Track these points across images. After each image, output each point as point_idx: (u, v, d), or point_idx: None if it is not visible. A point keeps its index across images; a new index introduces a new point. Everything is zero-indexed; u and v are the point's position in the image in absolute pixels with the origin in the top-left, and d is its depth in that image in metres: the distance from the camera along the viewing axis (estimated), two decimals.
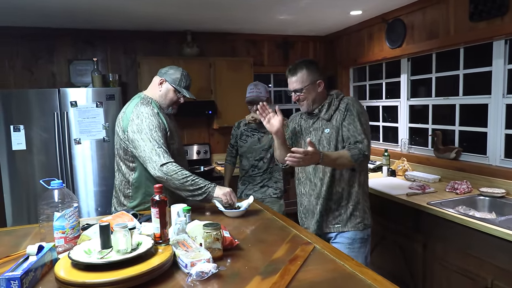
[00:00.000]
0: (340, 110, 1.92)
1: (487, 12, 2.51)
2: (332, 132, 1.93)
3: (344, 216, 1.97)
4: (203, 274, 1.21)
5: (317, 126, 1.98)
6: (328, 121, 1.95)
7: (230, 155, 3.03)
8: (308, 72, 1.93)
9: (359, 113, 1.90)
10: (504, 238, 1.84)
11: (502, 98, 2.59)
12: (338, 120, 1.92)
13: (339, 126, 1.91)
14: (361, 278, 1.21)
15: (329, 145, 1.94)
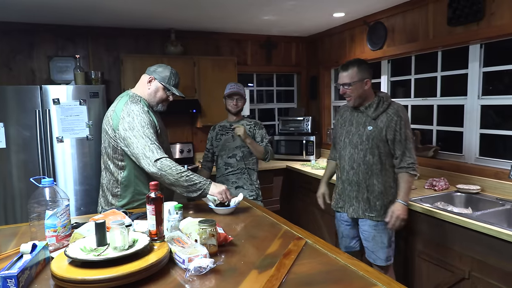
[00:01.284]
0: (388, 113, 2.15)
1: (464, 18, 2.63)
2: (374, 131, 2.16)
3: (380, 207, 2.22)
4: (201, 269, 1.24)
5: (361, 120, 2.22)
6: (373, 119, 2.17)
7: (206, 159, 2.99)
8: (358, 70, 2.16)
9: (407, 122, 2.17)
10: (480, 231, 1.95)
11: (477, 99, 2.73)
12: (383, 121, 2.15)
13: (383, 127, 2.14)
14: (353, 270, 1.27)
15: (368, 141, 2.18)
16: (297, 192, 3.86)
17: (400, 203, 2.13)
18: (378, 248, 2.23)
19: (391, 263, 2.27)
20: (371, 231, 2.23)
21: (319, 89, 4.52)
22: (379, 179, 2.19)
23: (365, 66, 2.21)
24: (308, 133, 4.22)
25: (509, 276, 1.84)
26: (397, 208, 2.13)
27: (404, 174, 2.16)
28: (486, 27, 2.51)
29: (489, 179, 2.57)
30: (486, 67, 2.68)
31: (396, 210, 2.13)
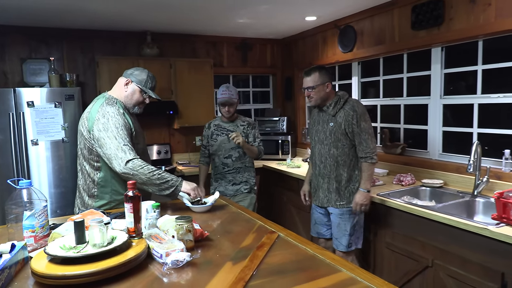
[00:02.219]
0: (345, 109, 2.39)
1: (426, 22, 2.80)
2: (335, 126, 2.41)
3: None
4: (178, 262, 1.31)
5: (325, 119, 2.48)
6: (333, 116, 2.42)
7: (203, 155, 3.12)
8: (320, 75, 2.42)
9: (363, 114, 2.38)
10: (442, 222, 2.09)
11: (440, 99, 2.90)
12: (342, 117, 2.39)
13: (341, 122, 2.38)
14: (321, 258, 1.37)
15: (330, 136, 2.44)
16: (273, 191, 3.96)
17: (361, 190, 2.38)
18: (341, 235, 2.45)
19: (352, 250, 2.47)
20: (336, 219, 2.47)
21: (294, 90, 4.64)
22: (345, 169, 2.43)
23: (325, 71, 2.47)
24: (283, 133, 4.33)
25: (468, 263, 1.99)
26: (358, 196, 2.40)
27: (363, 163, 2.39)
28: (446, 31, 2.68)
29: (451, 173, 2.74)
30: (447, 68, 2.85)
31: (357, 197, 2.39)
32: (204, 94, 4.09)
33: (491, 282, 1.88)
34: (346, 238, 2.44)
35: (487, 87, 2.63)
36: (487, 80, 2.63)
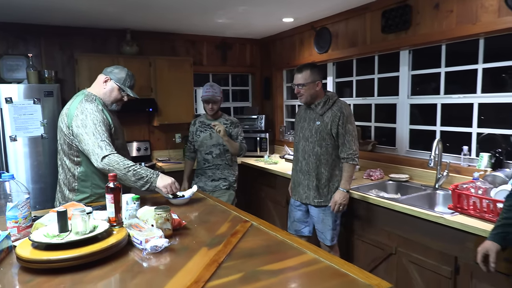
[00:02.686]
0: (333, 110, 2.45)
1: (395, 26, 2.97)
2: (321, 125, 2.46)
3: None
4: (157, 248, 1.41)
5: (312, 117, 2.53)
6: (321, 115, 2.47)
7: (189, 151, 3.24)
8: (311, 73, 2.46)
9: (349, 117, 2.45)
10: (405, 213, 2.26)
11: (407, 98, 3.09)
12: (329, 117, 2.44)
13: (328, 122, 2.44)
14: (290, 243, 1.49)
15: (316, 135, 2.48)
16: (251, 186, 4.08)
17: (340, 190, 2.45)
18: (325, 230, 2.54)
19: (336, 243, 2.58)
20: (319, 215, 2.54)
21: (272, 89, 4.76)
22: (326, 167, 2.49)
23: (316, 69, 2.52)
24: (262, 130, 4.46)
25: (427, 249, 2.16)
26: (337, 195, 2.45)
27: (345, 164, 2.47)
28: (413, 35, 2.86)
29: (416, 168, 2.93)
30: (414, 70, 3.04)
31: (336, 196, 2.45)
32: (184, 92, 4.16)
33: (446, 266, 2.06)
34: (330, 232, 2.52)
35: (449, 88, 2.82)
36: (450, 81, 2.82)
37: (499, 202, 1.92)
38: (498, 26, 2.30)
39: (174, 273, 1.24)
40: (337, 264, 1.28)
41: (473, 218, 2.00)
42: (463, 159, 2.64)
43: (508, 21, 2.25)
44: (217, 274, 1.23)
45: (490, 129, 2.58)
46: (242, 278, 1.20)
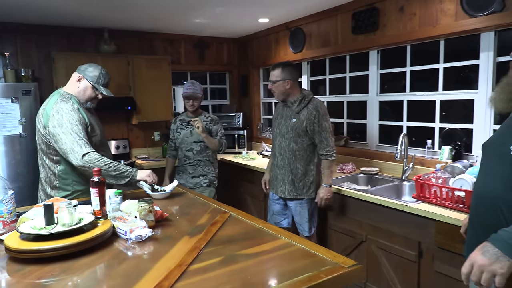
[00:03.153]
0: (309, 108, 2.53)
1: (364, 28, 3.14)
2: (297, 122, 2.55)
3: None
4: (141, 237, 1.50)
5: (288, 114, 2.62)
6: (297, 113, 2.56)
7: (170, 148, 3.30)
8: (282, 71, 2.56)
9: (324, 115, 2.55)
10: (374, 202, 2.42)
11: (376, 96, 3.27)
12: (304, 115, 2.53)
13: (304, 120, 2.53)
14: (266, 230, 1.61)
15: (292, 131, 2.57)
16: (230, 182, 4.18)
17: (324, 186, 2.59)
18: (303, 222, 2.67)
19: (314, 234, 2.71)
20: (297, 208, 2.66)
21: (249, 87, 4.88)
22: (301, 163, 2.60)
23: (288, 68, 2.59)
24: (240, 127, 4.57)
25: (394, 236, 2.33)
26: (321, 191, 2.59)
27: (324, 160, 2.59)
28: (381, 36, 3.04)
29: (385, 161, 3.11)
30: (382, 69, 3.22)
31: (321, 193, 2.58)
32: (163, 90, 4.22)
33: (410, 250, 2.23)
34: (307, 223, 2.65)
35: (416, 86, 3.01)
36: (416, 79, 3.01)
37: (456, 190, 2.10)
38: (455, 29, 2.50)
39: (159, 258, 1.34)
40: (308, 246, 1.41)
41: (434, 206, 2.18)
42: (427, 152, 2.84)
43: (464, 24, 2.44)
44: (199, 258, 1.33)
45: (451, 124, 2.79)
46: (221, 261, 1.31)
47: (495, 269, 1.01)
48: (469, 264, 1.08)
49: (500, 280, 1.01)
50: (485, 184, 1.28)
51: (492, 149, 1.33)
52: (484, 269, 1.03)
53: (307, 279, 1.15)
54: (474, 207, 1.35)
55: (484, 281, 1.03)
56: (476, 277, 1.05)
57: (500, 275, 1.01)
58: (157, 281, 1.16)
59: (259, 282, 1.15)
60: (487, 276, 1.02)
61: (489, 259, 1.03)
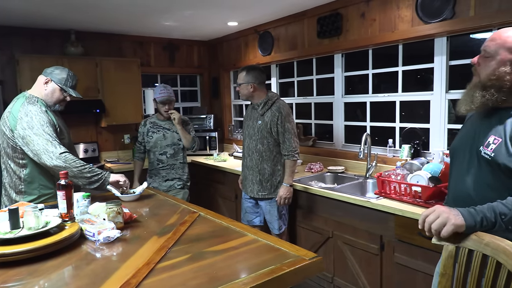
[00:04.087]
0: (272, 110, 2.64)
1: (328, 32, 3.26)
2: (262, 124, 2.66)
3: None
4: (109, 238, 1.52)
5: (255, 116, 2.73)
6: (262, 115, 2.67)
7: (138, 151, 3.26)
8: (246, 75, 2.68)
9: (287, 116, 2.65)
10: (339, 199, 2.53)
11: (341, 97, 3.40)
12: (269, 117, 2.64)
13: (268, 121, 2.63)
14: (233, 228, 1.67)
15: (258, 133, 2.68)
16: (201, 183, 4.21)
17: (284, 185, 2.67)
18: (273, 220, 2.76)
19: (284, 231, 2.80)
20: (267, 206, 2.75)
21: (220, 89, 4.92)
22: (268, 163, 2.69)
23: (253, 72, 2.68)
24: (211, 129, 4.60)
25: (358, 231, 2.45)
26: (281, 190, 2.66)
27: (286, 160, 2.68)
28: (344, 40, 3.17)
29: (350, 160, 3.24)
30: (347, 72, 3.36)
31: (280, 191, 2.66)
32: (132, 93, 4.19)
33: (373, 244, 2.35)
34: (277, 222, 2.74)
35: (381, 87, 3.16)
36: (379, 81, 3.16)
37: (413, 185, 2.24)
38: (412, 34, 2.65)
39: (127, 258, 1.37)
40: (272, 241, 1.48)
41: (394, 201, 2.30)
42: (389, 150, 2.98)
43: (419, 30, 2.60)
44: (167, 257, 1.37)
45: (410, 123, 2.95)
46: (189, 258, 1.36)
47: (450, 217, 1.15)
48: (432, 209, 1.20)
49: (447, 229, 1.14)
50: (459, 184, 1.40)
51: (461, 151, 1.43)
52: (441, 214, 1.16)
53: (270, 272, 1.22)
54: (450, 205, 1.45)
55: (436, 223, 1.16)
56: (431, 219, 1.18)
57: (451, 225, 1.14)
58: (125, 279, 1.19)
59: (225, 276, 1.21)
60: (440, 221, 1.15)
61: (450, 211, 1.17)
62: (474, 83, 1.37)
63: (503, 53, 1.27)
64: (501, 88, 1.27)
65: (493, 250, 1.04)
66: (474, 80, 1.38)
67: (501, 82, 1.27)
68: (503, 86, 1.27)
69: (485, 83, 1.30)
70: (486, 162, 1.31)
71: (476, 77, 1.37)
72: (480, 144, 1.34)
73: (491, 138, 1.31)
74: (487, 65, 1.31)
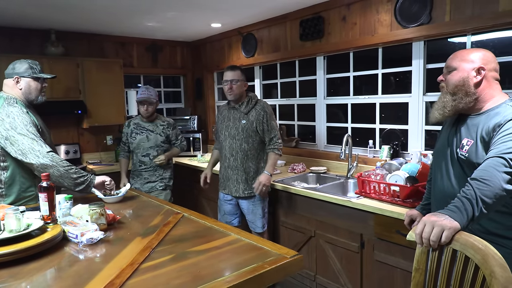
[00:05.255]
0: (256, 109, 2.70)
1: (311, 35, 3.32)
2: (247, 124, 2.69)
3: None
4: (92, 240, 1.52)
5: (236, 116, 2.74)
6: (245, 114, 2.69)
7: (123, 151, 3.29)
8: (241, 73, 2.73)
9: (271, 114, 2.75)
10: (321, 199, 2.58)
11: (323, 99, 3.46)
12: (253, 116, 2.68)
13: (253, 120, 2.68)
14: (216, 228, 1.70)
15: (242, 132, 2.70)
16: (186, 185, 4.21)
17: (265, 173, 2.71)
18: (256, 219, 2.79)
19: (266, 229, 2.85)
20: (250, 206, 2.78)
21: (204, 90, 4.93)
22: (253, 162, 2.74)
23: (244, 72, 2.79)
24: (194, 130, 4.61)
25: (339, 229, 2.51)
26: (262, 176, 2.69)
27: (271, 153, 2.75)
28: (326, 43, 3.23)
29: (332, 161, 3.31)
30: (329, 74, 3.42)
31: (261, 177, 2.69)
32: (114, 93, 4.15)
33: (353, 242, 2.42)
34: (261, 220, 2.78)
35: (358, 90, 3.24)
36: (361, 83, 3.24)
37: (392, 185, 2.31)
38: (390, 38, 2.74)
39: (111, 259, 1.38)
40: (255, 241, 1.51)
41: (374, 200, 2.37)
42: (369, 151, 3.06)
43: (398, 34, 2.69)
44: (150, 257, 1.39)
45: (390, 125, 3.04)
46: (172, 259, 1.38)
47: (445, 223, 1.18)
48: (421, 223, 1.23)
49: (447, 234, 1.17)
50: (443, 183, 1.56)
51: (442, 154, 1.59)
52: (435, 224, 1.19)
53: (252, 270, 1.25)
54: (435, 202, 1.62)
55: (433, 235, 1.18)
56: (427, 232, 1.19)
57: (448, 229, 1.17)
58: (109, 279, 1.20)
59: (208, 275, 1.23)
60: (437, 230, 1.18)
61: (439, 217, 1.20)
62: (443, 94, 1.56)
63: (464, 65, 1.50)
64: (467, 92, 1.48)
65: (462, 245, 1.10)
66: (443, 92, 1.56)
67: (467, 88, 1.48)
68: (468, 91, 1.48)
69: (453, 91, 1.51)
70: (463, 162, 1.47)
71: (444, 90, 1.56)
72: (456, 147, 1.51)
73: (464, 140, 1.48)
74: (453, 77, 1.52)
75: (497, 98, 1.47)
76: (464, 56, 1.51)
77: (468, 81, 1.48)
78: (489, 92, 1.48)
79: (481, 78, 1.47)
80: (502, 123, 1.36)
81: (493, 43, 2.45)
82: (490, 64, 1.48)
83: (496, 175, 1.24)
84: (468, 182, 1.27)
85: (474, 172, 1.30)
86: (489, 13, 2.23)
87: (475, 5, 2.29)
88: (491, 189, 1.23)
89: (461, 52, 1.56)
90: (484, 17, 2.25)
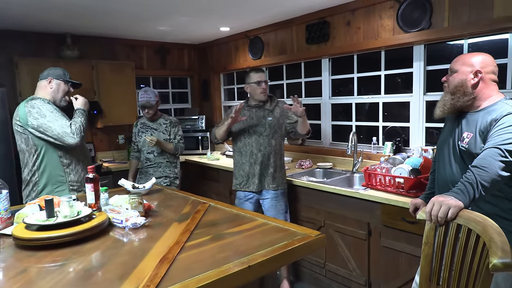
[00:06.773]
0: (280, 106, 2.91)
1: (316, 39, 3.52)
2: (273, 120, 2.87)
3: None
4: (136, 224, 1.71)
5: (261, 115, 2.89)
6: (271, 111, 2.88)
7: (133, 151, 3.46)
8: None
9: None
10: (329, 192, 2.78)
11: (328, 99, 3.67)
12: (278, 112, 2.89)
13: (278, 117, 2.88)
14: (243, 214, 1.89)
15: (270, 128, 2.85)
16: (196, 181, 4.39)
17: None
18: (278, 215, 2.88)
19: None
20: (272, 202, 2.89)
21: (210, 91, 5.11)
22: (278, 156, 2.91)
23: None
24: (202, 130, 4.79)
25: (347, 219, 2.71)
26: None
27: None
28: (331, 46, 3.44)
29: (338, 157, 3.51)
30: (333, 75, 3.63)
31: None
32: (127, 94, 4.33)
33: (361, 230, 2.62)
34: (283, 216, 2.90)
35: (361, 90, 3.45)
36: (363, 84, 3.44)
37: (397, 177, 2.52)
38: (393, 42, 2.95)
39: (156, 240, 1.56)
40: (281, 223, 1.71)
41: (380, 192, 2.57)
42: (373, 147, 3.27)
43: (400, 38, 2.90)
44: (192, 238, 1.58)
45: (392, 123, 3.25)
46: (211, 239, 1.57)
47: (451, 202, 1.39)
48: (430, 203, 1.44)
49: (453, 211, 1.38)
50: (445, 171, 1.77)
51: (445, 146, 1.79)
52: (442, 203, 1.40)
53: (285, 246, 1.45)
54: (439, 189, 1.81)
55: (441, 212, 1.39)
56: (436, 210, 1.40)
57: (454, 207, 1.38)
58: (162, 255, 1.39)
59: (246, 250, 1.42)
60: (445, 208, 1.39)
61: (445, 198, 1.42)
62: (445, 93, 1.78)
63: (464, 68, 1.70)
64: (465, 92, 1.69)
65: (465, 220, 1.31)
66: (445, 92, 1.78)
67: (465, 89, 1.69)
68: (466, 91, 1.69)
69: (453, 91, 1.72)
70: (463, 153, 1.68)
71: (446, 90, 1.77)
72: (458, 139, 1.72)
73: (465, 134, 1.69)
74: (454, 79, 1.73)
75: (494, 97, 1.68)
76: (465, 60, 1.72)
77: (466, 83, 1.68)
78: (486, 92, 1.68)
79: (478, 80, 1.68)
80: (498, 118, 1.57)
81: (488, 47, 2.66)
82: (488, 67, 1.68)
83: (493, 163, 1.45)
84: (469, 169, 1.48)
85: (474, 160, 1.51)
86: (484, 20, 2.45)
87: (472, 12, 2.51)
88: (489, 175, 1.44)
89: (463, 56, 1.77)
90: (480, 23, 2.47)
